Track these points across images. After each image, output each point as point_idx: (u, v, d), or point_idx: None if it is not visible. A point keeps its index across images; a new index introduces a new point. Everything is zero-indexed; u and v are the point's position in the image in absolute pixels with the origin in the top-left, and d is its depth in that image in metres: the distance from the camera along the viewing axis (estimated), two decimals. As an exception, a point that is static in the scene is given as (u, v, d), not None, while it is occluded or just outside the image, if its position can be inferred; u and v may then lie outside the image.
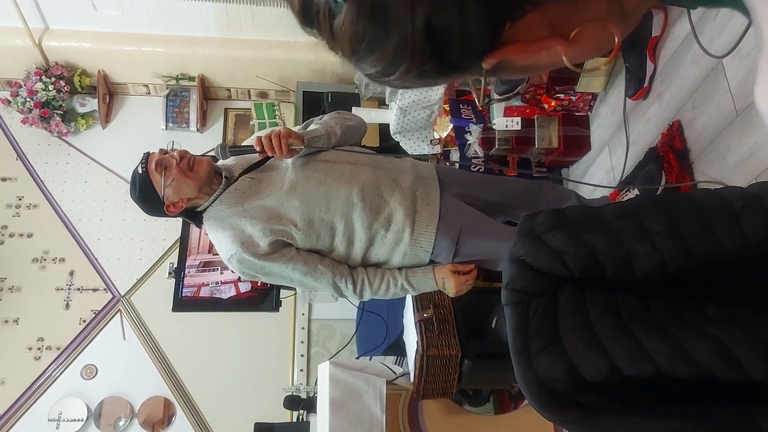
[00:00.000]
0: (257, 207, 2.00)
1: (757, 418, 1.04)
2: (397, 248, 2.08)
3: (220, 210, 2.02)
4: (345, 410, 2.58)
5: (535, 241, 1.22)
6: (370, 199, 2.04)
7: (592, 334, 1.14)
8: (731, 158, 2.14)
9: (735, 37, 2.04)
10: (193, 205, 2.05)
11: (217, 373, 3.94)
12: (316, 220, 2.00)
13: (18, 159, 4.35)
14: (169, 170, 1.98)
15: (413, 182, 2.13)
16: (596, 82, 2.92)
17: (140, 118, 4.50)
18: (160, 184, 1.99)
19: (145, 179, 2.00)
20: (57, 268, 4.14)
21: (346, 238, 2.04)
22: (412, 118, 3.36)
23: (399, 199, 2.07)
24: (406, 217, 2.06)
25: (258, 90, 4.53)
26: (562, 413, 1.14)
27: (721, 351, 1.04)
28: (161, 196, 2.00)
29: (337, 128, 2.14)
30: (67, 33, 4.16)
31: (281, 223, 1.98)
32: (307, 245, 2.03)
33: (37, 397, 3.86)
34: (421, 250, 2.09)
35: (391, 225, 2.05)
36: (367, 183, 2.06)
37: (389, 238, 2.06)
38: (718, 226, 1.13)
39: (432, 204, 2.11)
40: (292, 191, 2.00)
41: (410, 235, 2.06)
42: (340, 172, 2.06)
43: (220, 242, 2.04)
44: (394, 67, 0.60)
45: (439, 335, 2.47)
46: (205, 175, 2.02)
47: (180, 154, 2.03)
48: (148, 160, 2.02)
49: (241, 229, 1.99)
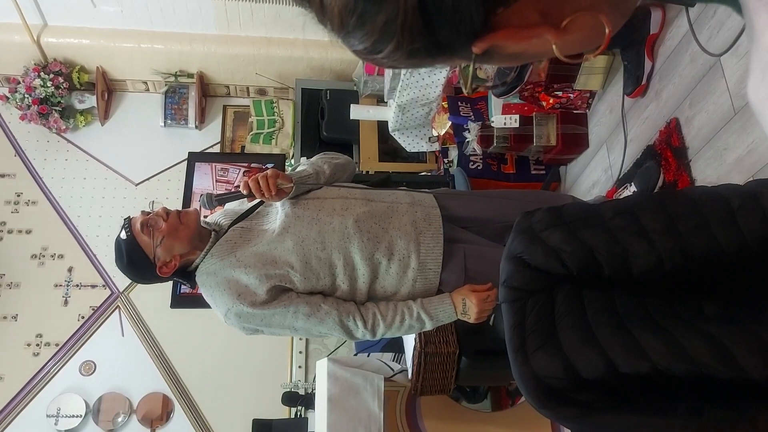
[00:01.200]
0: (250, 254, 1.89)
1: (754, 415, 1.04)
2: (405, 276, 1.97)
3: (212, 264, 1.91)
4: (343, 407, 2.59)
5: (532, 238, 1.23)
6: (367, 229, 1.94)
7: (589, 331, 1.14)
8: (729, 156, 2.15)
9: (733, 35, 2.04)
10: (185, 263, 1.94)
11: (215, 370, 3.95)
12: (312, 259, 1.89)
13: (16, 155, 4.35)
14: (157, 229, 1.88)
15: (411, 209, 2.03)
16: (594, 80, 2.92)
17: (139, 114, 4.50)
18: (150, 245, 1.88)
19: (132, 243, 1.88)
20: (56, 265, 4.15)
21: (347, 275, 1.93)
22: (410, 115, 3.36)
23: (398, 226, 1.97)
24: (408, 243, 1.96)
25: (257, 87, 4.53)
26: (559, 410, 1.15)
27: (718, 349, 1.04)
28: (152, 258, 1.89)
29: (326, 167, 2.07)
30: (66, 29, 4.16)
31: (277, 268, 1.87)
32: (307, 287, 1.91)
33: (36, 393, 3.87)
34: (431, 272, 1.98)
35: (393, 254, 1.94)
36: (361, 214, 1.96)
37: (394, 269, 1.95)
38: (715, 224, 1.13)
39: (435, 224, 2.02)
40: (284, 233, 1.90)
41: (417, 260, 1.96)
42: (332, 207, 1.97)
43: (216, 298, 1.91)
44: (382, 44, 0.59)
45: (437, 332, 2.47)
46: (195, 225, 1.92)
47: (164, 210, 1.93)
48: (131, 224, 1.91)
49: (236, 281, 1.88)
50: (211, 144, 4.51)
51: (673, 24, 2.48)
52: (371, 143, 3.88)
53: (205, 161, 4.06)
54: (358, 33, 0.59)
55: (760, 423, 1.03)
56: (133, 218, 1.93)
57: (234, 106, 4.62)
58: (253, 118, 4.30)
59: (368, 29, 0.58)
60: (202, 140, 4.49)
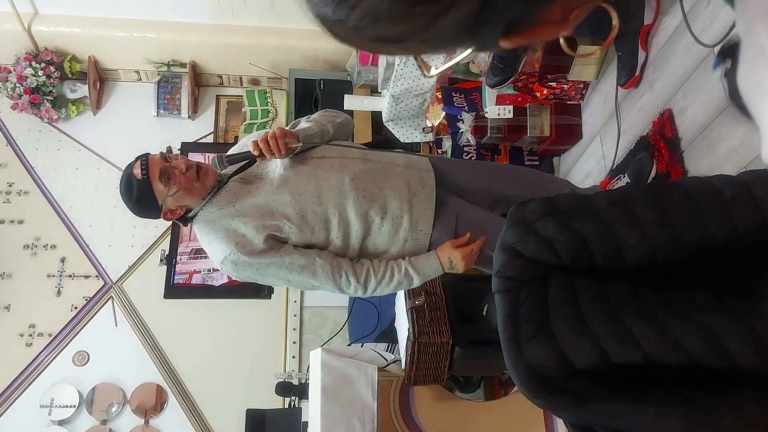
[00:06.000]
0: (249, 206, 1.95)
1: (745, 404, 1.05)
2: (397, 236, 2.04)
3: (212, 213, 1.97)
4: (337, 397, 2.60)
5: (526, 229, 1.23)
6: (363, 187, 2.01)
7: (581, 321, 1.15)
8: (722, 147, 2.15)
9: (727, 26, 2.04)
10: (186, 210, 2.00)
11: (209, 360, 3.94)
12: (309, 213, 1.96)
13: (8, 145, 4.32)
14: (174, 181, 1.91)
15: (406, 170, 2.10)
16: (588, 71, 2.92)
17: (131, 104, 4.47)
18: (163, 194, 1.91)
19: (146, 186, 1.90)
20: (48, 255, 4.13)
21: (341, 230, 1.99)
22: (404, 105, 3.35)
23: (393, 186, 2.04)
24: (402, 203, 2.02)
25: (250, 77, 4.50)
26: (551, 399, 1.16)
27: (710, 338, 1.05)
28: (160, 204, 1.93)
29: (329, 126, 2.13)
30: (57, 18, 4.12)
31: (274, 219, 1.94)
32: (302, 240, 1.98)
33: (29, 384, 3.86)
34: (421, 233, 2.05)
35: (387, 213, 2.01)
36: (358, 172, 2.03)
37: (386, 227, 2.02)
38: (708, 215, 1.14)
39: (428, 187, 2.08)
40: (282, 187, 1.96)
41: (409, 221, 2.03)
42: (330, 164, 2.03)
43: (213, 245, 1.98)
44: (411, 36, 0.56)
45: (431, 322, 2.48)
46: (211, 185, 1.97)
47: (185, 163, 1.95)
48: (149, 167, 1.92)
49: (234, 230, 1.94)
50: (204, 134, 4.48)
51: (667, 14, 2.48)
52: (365, 133, 3.87)
53: (199, 151, 4.05)
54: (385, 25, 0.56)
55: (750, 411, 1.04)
56: (152, 160, 1.94)
57: (227, 96, 4.60)
58: (246, 108, 4.28)
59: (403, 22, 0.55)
60: (195, 130, 4.47)
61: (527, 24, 0.57)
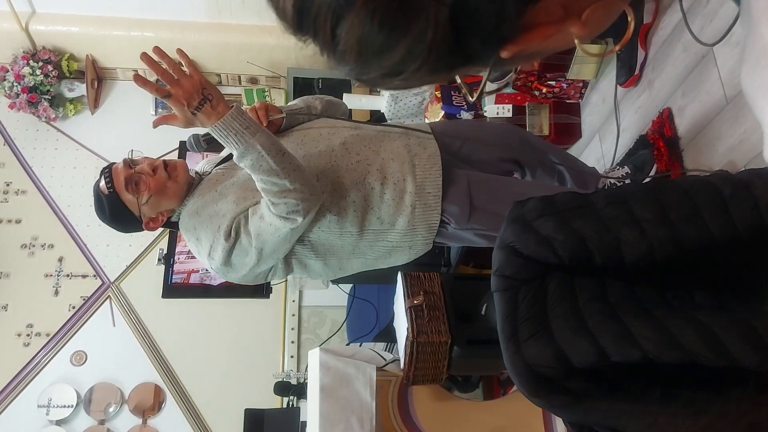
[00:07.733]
0: (230, 184, 1.80)
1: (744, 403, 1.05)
2: (402, 202, 1.79)
3: (195, 203, 1.82)
4: (335, 396, 2.59)
5: (524, 227, 1.22)
6: (356, 151, 1.80)
7: (580, 320, 1.14)
8: (721, 146, 2.15)
9: (726, 24, 2.04)
10: (171, 214, 1.86)
11: (207, 360, 3.94)
12: None
13: (5, 144, 4.31)
14: (142, 186, 1.76)
15: (403, 135, 1.89)
16: (587, 70, 2.91)
17: (129, 103, 4.46)
18: (135, 204, 1.77)
19: (115, 200, 1.77)
20: (46, 255, 4.12)
21: (336, 204, 1.77)
22: (403, 104, 3.35)
23: (390, 149, 1.83)
24: (402, 164, 1.80)
25: (248, 76, 4.50)
26: (550, 399, 1.15)
27: (709, 337, 1.04)
28: (138, 215, 1.80)
29: (317, 102, 2.00)
30: (55, 17, 4.11)
31: (257, 196, 1.72)
32: None
33: (27, 384, 3.85)
34: (429, 196, 1.80)
35: (387, 178, 1.79)
36: (349, 137, 1.83)
37: (389, 194, 1.78)
38: (706, 213, 1.13)
39: (430, 148, 1.86)
40: None
41: (414, 183, 1.79)
42: (318, 133, 1.85)
43: (200, 237, 1.79)
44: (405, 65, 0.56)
45: (429, 322, 2.47)
46: (184, 180, 1.82)
47: (150, 165, 1.79)
48: (113, 178, 1.77)
49: (216, 212, 1.76)
50: (203, 133, 4.47)
51: (666, 13, 2.48)
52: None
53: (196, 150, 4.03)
54: (377, 60, 0.55)
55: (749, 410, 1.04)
56: (115, 170, 1.80)
57: (225, 94, 4.53)
58: (244, 107, 4.27)
59: (391, 54, 0.54)
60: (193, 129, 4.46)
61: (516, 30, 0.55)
